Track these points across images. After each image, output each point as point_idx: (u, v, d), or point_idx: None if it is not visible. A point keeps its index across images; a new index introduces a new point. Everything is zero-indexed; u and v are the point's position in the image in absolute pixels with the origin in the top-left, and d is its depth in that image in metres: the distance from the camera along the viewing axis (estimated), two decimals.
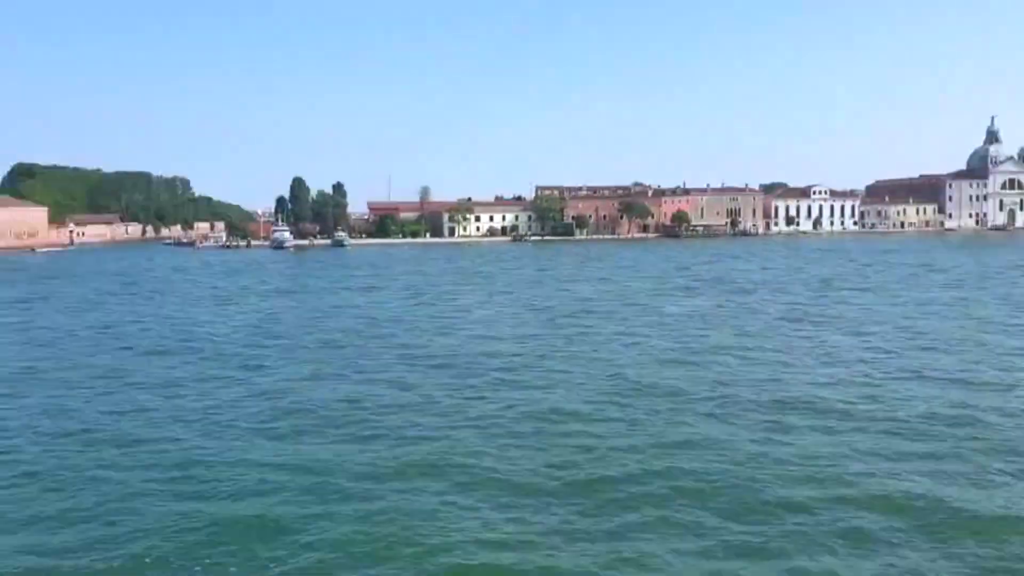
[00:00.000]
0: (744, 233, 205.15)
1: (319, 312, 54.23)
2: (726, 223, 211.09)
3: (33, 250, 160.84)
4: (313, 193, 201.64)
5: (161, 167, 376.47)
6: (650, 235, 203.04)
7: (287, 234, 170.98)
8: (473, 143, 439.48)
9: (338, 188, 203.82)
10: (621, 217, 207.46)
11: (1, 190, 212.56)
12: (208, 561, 14.95)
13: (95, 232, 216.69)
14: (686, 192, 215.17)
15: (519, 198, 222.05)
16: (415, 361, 34.57)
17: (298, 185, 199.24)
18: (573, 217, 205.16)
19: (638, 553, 15.04)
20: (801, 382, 28.98)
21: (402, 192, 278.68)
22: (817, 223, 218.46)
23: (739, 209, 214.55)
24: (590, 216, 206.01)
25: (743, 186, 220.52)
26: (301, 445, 22.13)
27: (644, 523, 16.44)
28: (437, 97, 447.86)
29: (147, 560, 15.01)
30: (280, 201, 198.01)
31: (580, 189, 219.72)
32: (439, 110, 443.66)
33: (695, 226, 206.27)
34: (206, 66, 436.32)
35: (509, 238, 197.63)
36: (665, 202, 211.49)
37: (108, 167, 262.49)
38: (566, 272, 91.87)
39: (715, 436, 22.35)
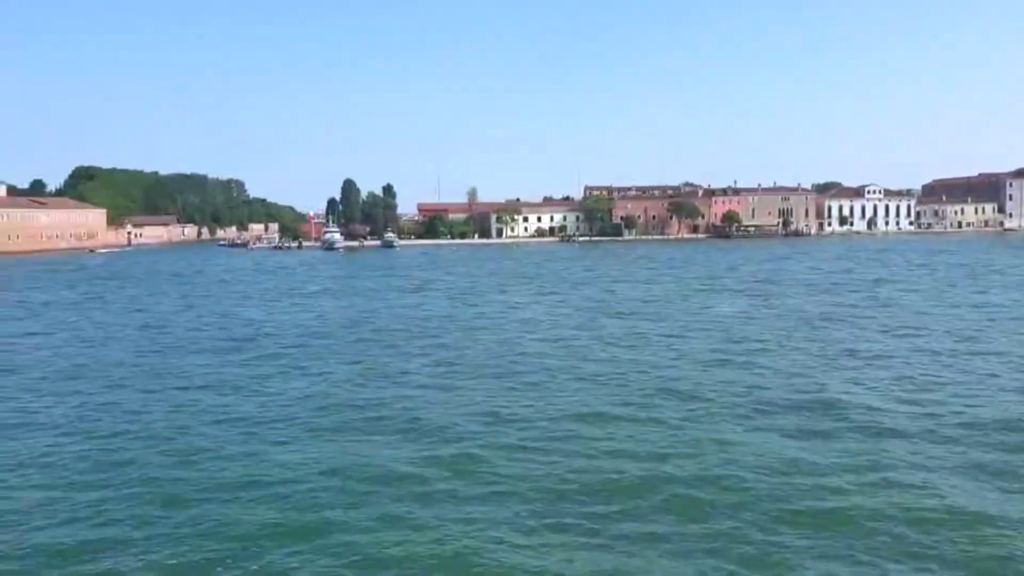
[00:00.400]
0: (796, 233, 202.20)
1: (364, 311, 54.86)
2: (778, 223, 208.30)
3: (92, 251, 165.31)
4: (363, 195, 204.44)
5: (217, 170, 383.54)
6: (700, 236, 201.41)
7: (337, 235, 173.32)
8: (522, 144, 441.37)
9: (388, 190, 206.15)
10: (671, 217, 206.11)
11: (62, 192, 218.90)
12: (264, 561, 15.35)
13: (152, 233, 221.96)
14: (737, 192, 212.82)
15: (568, 198, 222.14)
16: (456, 361, 34.88)
17: (348, 187, 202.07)
18: (622, 217, 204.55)
19: (670, 560, 15.02)
20: (844, 387, 28.46)
21: (451, 193, 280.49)
22: (871, 223, 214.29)
23: (791, 209, 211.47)
24: (639, 216, 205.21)
25: (795, 186, 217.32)
26: (347, 443, 22.52)
27: (677, 532, 16.36)
28: (486, 98, 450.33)
29: (198, 558, 15.43)
30: (331, 203, 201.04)
31: (629, 189, 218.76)
32: (488, 111, 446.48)
33: (746, 227, 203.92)
34: (260, 70, 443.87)
35: (557, 239, 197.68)
36: (715, 202, 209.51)
37: (165, 169, 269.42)
38: (613, 272, 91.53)
39: (752, 441, 22.15)
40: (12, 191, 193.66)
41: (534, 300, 61.79)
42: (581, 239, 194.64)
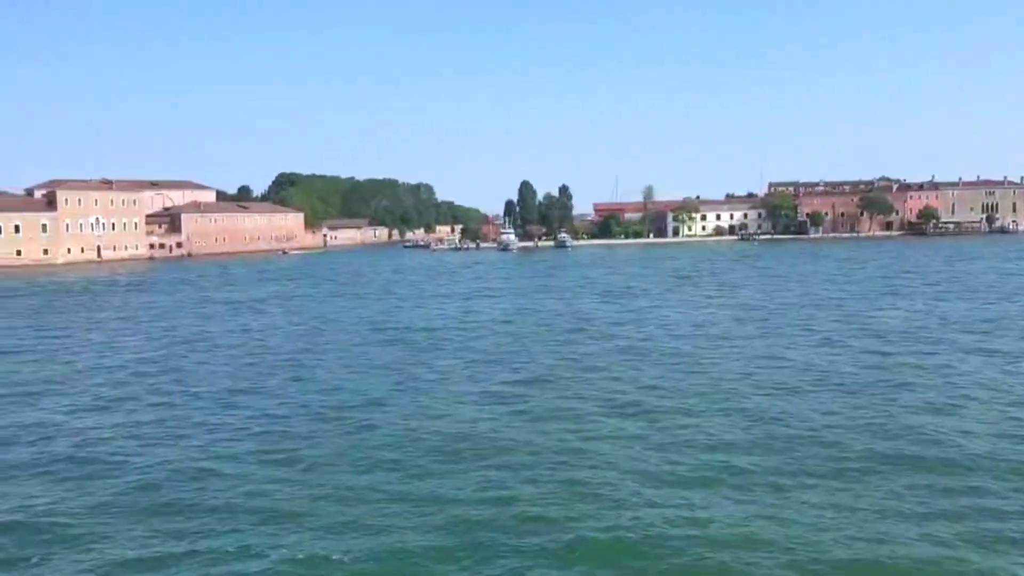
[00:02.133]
0: (1002, 230, 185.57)
1: (501, 310, 56.03)
2: (981, 220, 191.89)
3: (284, 252, 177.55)
4: (540, 196, 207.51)
5: (408, 175, 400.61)
6: (894, 233, 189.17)
7: (512, 236, 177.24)
8: (702, 141, 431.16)
9: (564, 191, 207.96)
10: (861, 214, 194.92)
11: (266, 197, 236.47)
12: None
13: (346, 235, 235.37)
14: (935, 186, 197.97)
15: (751, 196, 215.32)
16: (595, 359, 35.39)
17: (525, 189, 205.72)
18: (807, 215, 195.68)
19: None
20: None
21: (629, 193, 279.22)
22: None
23: (996, 204, 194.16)
24: (826, 213, 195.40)
25: (1001, 179, 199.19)
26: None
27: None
28: (665, 96, 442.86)
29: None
30: (508, 204, 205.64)
31: (817, 184, 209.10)
32: (667, 109, 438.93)
33: (944, 223, 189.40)
34: (447, 79, 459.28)
35: (736, 237, 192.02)
36: (911, 197, 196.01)
37: (361, 175, 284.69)
38: (780, 271, 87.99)
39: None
40: (221, 196, 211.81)
41: (686, 301, 60.73)
42: (762, 237, 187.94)
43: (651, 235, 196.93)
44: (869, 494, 18.26)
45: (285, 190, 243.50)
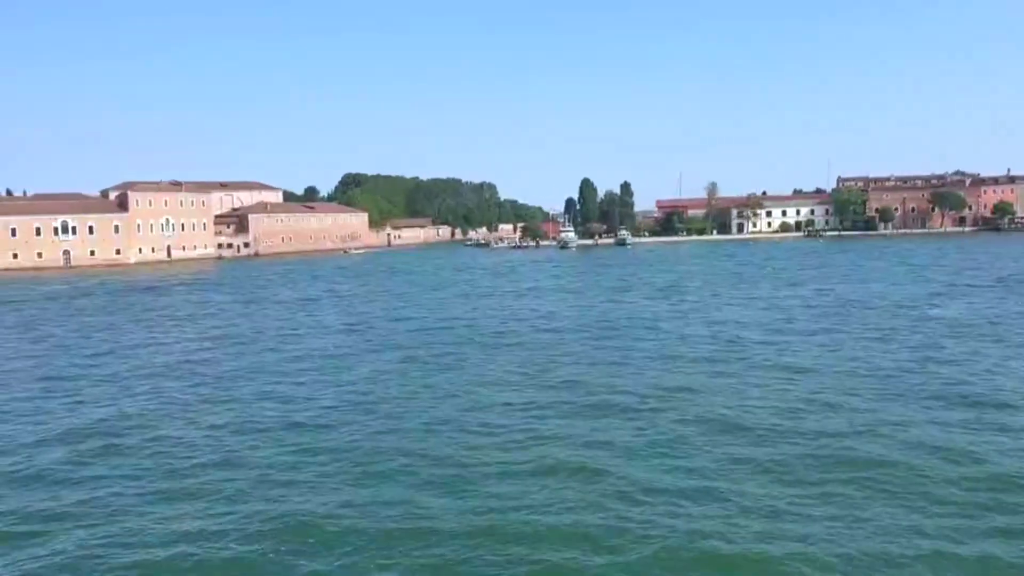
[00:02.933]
0: None
1: (533, 310, 56.05)
2: None
3: (345, 252, 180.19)
4: (601, 193, 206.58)
5: (471, 174, 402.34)
6: (966, 229, 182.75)
7: (571, 234, 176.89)
8: (769, 135, 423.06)
9: (625, 188, 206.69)
10: (932, 209, 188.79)
11: (332, 197, 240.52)
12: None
13: (410, 234, 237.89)
14: (1011, 180, 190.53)
15: (819, 191, 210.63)
16: (629, 360, 35.23)
17: (586, 186, 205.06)
18: (876, 210, 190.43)
19: None
20: None
21: (694, 190, 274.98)
22: None
23: None
24: (896, 209, 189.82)
25: None
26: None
27: None
28: (729, 91, 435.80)
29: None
30: (569, 202, 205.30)
31: (887, 179, 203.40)
32: (732, 104, 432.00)
33: (1021, 218, 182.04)
34: (508, 77, 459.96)
35: (803, 234, 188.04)
36: (985, 192, 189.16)
37: (425, 175, 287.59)
38: (841, 271, 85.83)
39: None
40: (289, 197, 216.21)
41: (735, 300, 59.82)
42: (828, 234, 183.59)
43: (714, 232, 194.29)
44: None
45: (351, 190, 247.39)
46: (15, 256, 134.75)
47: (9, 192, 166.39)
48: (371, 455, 22.09)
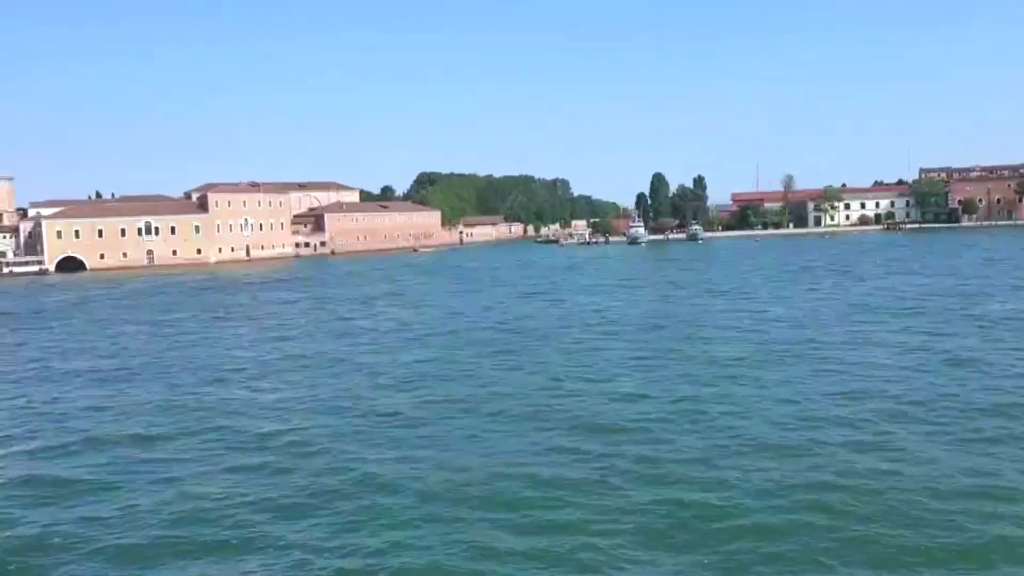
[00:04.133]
0: None
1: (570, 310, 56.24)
2: None
3: (414, 250, 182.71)
4: (674, 187, 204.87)
5: (544, 171, 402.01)
6: None
7: (641, 230, 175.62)
8: (848, 126, 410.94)
9: (698, 181, 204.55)
10: (1020, 200, 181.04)
11: (407, 196, 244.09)
12: None
13: (482, 232, 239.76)
14: None
15: (901, 183, 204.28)
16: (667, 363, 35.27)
17: (658, 181, 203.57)
18: (959, 201, 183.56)
19: None
20: None
21: (771, 182, 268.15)
22: None
23: None
24: (980, 200, 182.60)
25: None
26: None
27: None
28: (807, 81, 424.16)
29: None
30: (640, 197, 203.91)
31: (972, 170, 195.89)
32: (810, 94, 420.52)
33: None
34: (585, 74, 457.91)
35: (882, 227, 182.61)
36: None
37: (498, 172, 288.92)
38: (912, 265, 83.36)
39: None
40: (365, 196, 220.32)
41: (790, 297, 59.01)
42: (908, 227, 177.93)
43: (790, 225, 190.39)
44: None
45: (425, 189, 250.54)
46: (102, 256, 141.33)
47: (99, 194, 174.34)
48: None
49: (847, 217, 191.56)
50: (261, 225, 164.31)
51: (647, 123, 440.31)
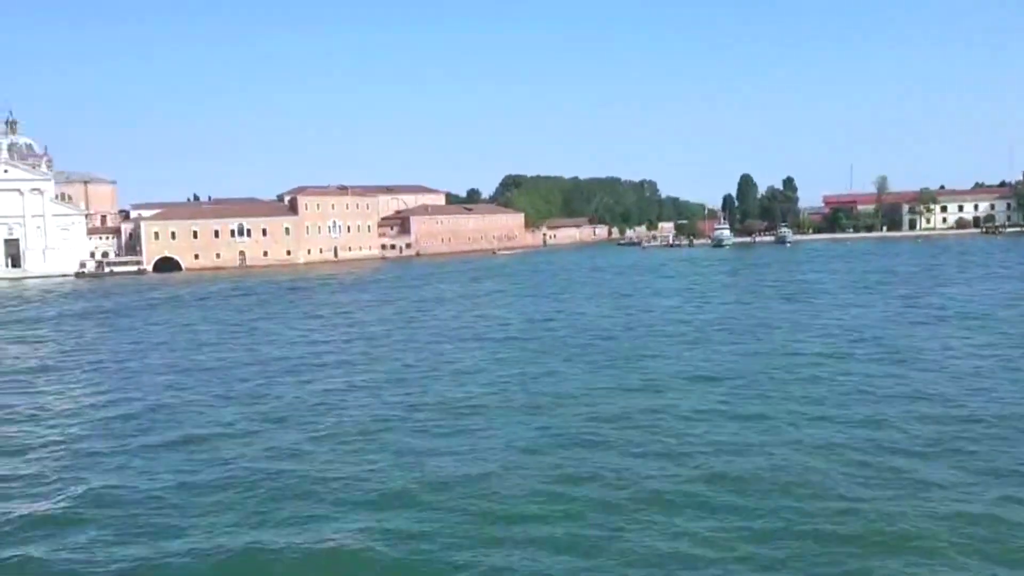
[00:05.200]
0: None
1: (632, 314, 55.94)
2: None
3: (494, 253, 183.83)
4: (763, 189, 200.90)
5: (631, 172, 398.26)
6: None
7: (726, 232, 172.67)
8: (947, 126, 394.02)
9: (788, 183, 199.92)
10: None
11: (493, 199, 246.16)
12: None
13: (565, 234, 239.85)
14: None
15: (1003, 184, 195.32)
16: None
17: (745, 182, 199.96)
18: None
19: None
20: None
21: (864, 184, 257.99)
22: None
23: None
24: None
25: None
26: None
27: None
28: (900, 80, 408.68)
29: None
30: (727, 199, 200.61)
31: None
32: (906, 92, 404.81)
33: None
34: (673, 74, 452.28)
35: (980, 230, 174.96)
36: None
37: (584, 174, 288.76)
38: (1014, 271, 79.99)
39: None
40: (451, 199, 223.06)
41: (868, 304, 57.51)
42: (1009, 230, 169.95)
43: (884, 229, 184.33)
44: None
45: (510, 191, 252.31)
46: (196, 257, 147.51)
47: (196, 197, 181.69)
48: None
49: (943, 220, 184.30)
50: (349, 227, 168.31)
51: (737, 123, 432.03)
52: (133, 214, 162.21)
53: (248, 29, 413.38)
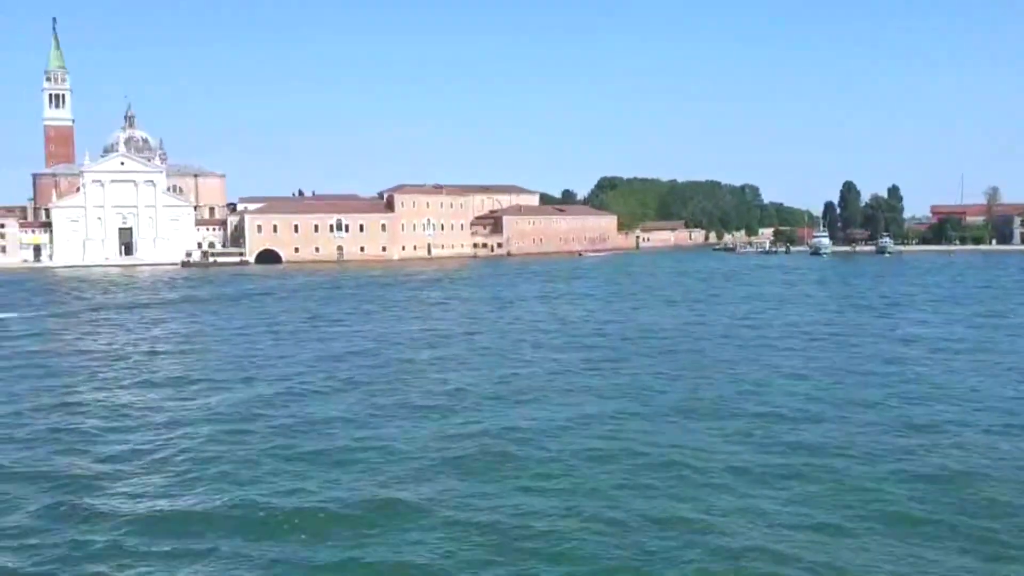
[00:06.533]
0: None
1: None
2: None
3: (580, 254, 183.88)
4: (867, 197, 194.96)
5: (731, 177, 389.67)
6: None
7: (825, 240, 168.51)
8: None
9: (893, 191, 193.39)
10: None
11: (587, 200, 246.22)
12: None
13: (659, 237, 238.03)
14: None
15: None
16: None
17: (848, 190, 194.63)
18: None
19: None
20: None
21: (975, 195, 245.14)
22: None
23: None
24: None
25: None
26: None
27: None
28: (1013, 86, 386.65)
29: None
30: (828, 206, 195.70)
31: None
32: (1016, 102, 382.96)
33: None
34: (776, 77, 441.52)
35: None
36: None
37: (682, 177, 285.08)
38: None
39: None
40: (546, 199, 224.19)
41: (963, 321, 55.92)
42: None
43: (993, 241, 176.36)
44: None
45: (605, 193, 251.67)
46: (296, 250, 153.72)
47: (300, 192, 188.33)
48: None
49: None
50: (442, 225, 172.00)
51: (843, 128, 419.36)
52: (239, 207, 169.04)
53: (357, 32, 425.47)
